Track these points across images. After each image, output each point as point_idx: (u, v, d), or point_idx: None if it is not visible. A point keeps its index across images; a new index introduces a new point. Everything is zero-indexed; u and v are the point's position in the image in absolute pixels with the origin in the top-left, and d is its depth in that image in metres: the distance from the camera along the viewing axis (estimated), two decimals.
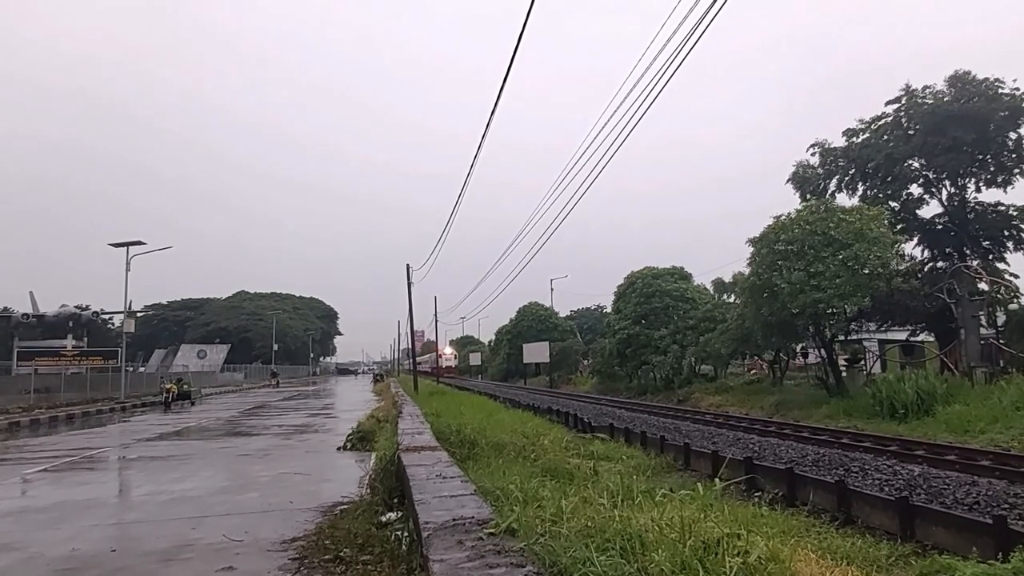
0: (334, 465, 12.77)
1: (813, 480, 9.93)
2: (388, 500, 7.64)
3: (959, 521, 7.38)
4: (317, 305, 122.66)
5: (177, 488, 10.31)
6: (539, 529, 3.96)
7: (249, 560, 6.25)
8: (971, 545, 6.40)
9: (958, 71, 25.37)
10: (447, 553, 3.62)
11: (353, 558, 5.96)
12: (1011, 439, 13.51)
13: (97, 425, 24.76)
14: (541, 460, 9.55)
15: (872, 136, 27.17)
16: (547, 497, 5.02)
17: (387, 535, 6.40)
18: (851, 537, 7.50)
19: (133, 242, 37.12)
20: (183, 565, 6.22)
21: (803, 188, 29.43)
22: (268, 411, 29.73)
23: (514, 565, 3.31)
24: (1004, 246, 25.94)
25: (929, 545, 7.27)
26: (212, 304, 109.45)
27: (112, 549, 6.83)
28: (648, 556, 3.27)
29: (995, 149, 24.68)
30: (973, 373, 19.81)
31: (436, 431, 11.48)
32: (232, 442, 17.31)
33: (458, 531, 4.11)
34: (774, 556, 3.86)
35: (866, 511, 8.59)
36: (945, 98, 25.16)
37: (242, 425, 22.44)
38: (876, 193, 27.20)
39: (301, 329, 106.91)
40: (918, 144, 25.32)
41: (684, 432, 16.86)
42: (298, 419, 24.63)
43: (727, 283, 50.06)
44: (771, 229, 23.39)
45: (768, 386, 29.17)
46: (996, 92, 24.25)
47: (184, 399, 34.66)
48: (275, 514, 8.26)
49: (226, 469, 12.51)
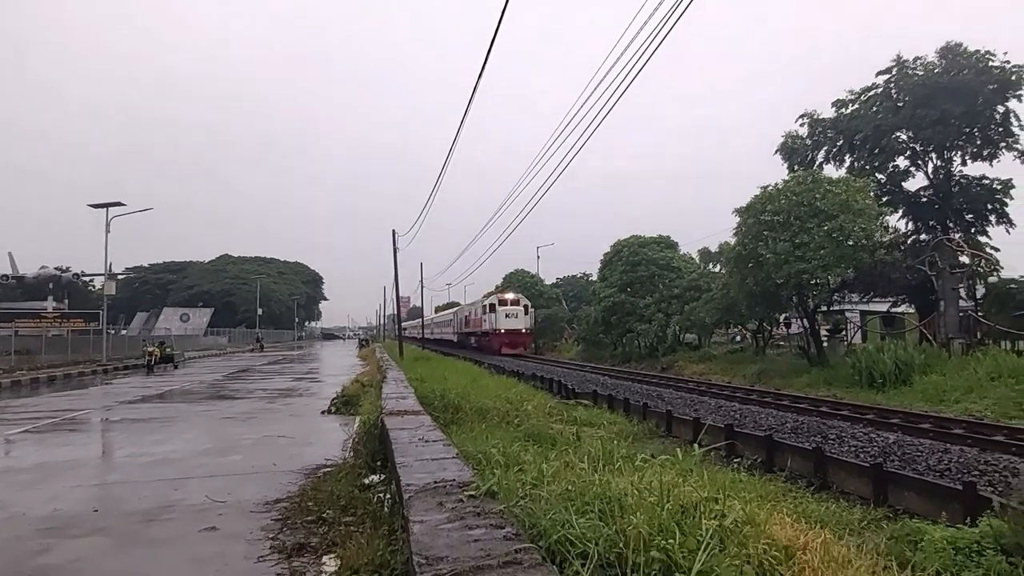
0: (318, 429, 12.82)
1: (791, 447, 10.10)
2: (371, 463, 7.68)
3: (930, 487, 7.55)
4: (302, 270, 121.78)
5: (159, 450, 10.31)
6: (520, 492, 3.99)
7: (232, 521, 6.28)
8: (941, 510, 6.56)
9: (949, 43, 25.22)
10: (428, 514, 3.64)
11: (336, 519, 6.01)
12: (984, 408, 13.80)
13: (79, 387, 24.64)
14: (524, 425, 9.63)
15: (861, 107, 27.08)
16: (529, 461, 5.06)
17: (370, 497, 6.44)
18: (826, 502, 7.66)
19: (112, 203, 36.50)
20: (165, 525, 6.24)
21: (791, 159, 29.39)
22: (252, 375, 29.71)
23: (493, 526, 3.34)
24: (987, 220, 26.14)
25: (901, 510, 7.44)
26: (195, 267, 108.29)
27: (94, 509, 6.84)
28: (627, 519, 3.30)
29: (982, 122, 24.70)
30: (951, 344, 20.14)
31: (420, 396, 11.52)
32: (216, 405, 17.30)
33: (439, 493, 4.13)
34: (750, 519, 3.92)
35: (841, 477, 8.78)
36: (936, 70, 25.05)
37: (226, 389, 22.41)
38: (863, 165, 27.23)
39: (286, 294, 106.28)
40: (907, 116, 25.28)
41: (667, 399, 17.05)
42: (282, 383, 24.64)
43: (713, 253, 50.25)
44: (758, 199, 23.40)
45: (751, 355, 29.52)
46: (986, 65, 24.17)
47: (167, 363, 34.51)
48: (258, 476, 8.29)
49: (209, 432, 12.51)
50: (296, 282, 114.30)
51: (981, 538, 4.73)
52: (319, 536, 5.66)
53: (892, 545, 5.45)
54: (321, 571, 4.68)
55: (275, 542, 5.55)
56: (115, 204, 36.64)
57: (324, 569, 4.73)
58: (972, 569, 4.46)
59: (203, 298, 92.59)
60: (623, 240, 40.87)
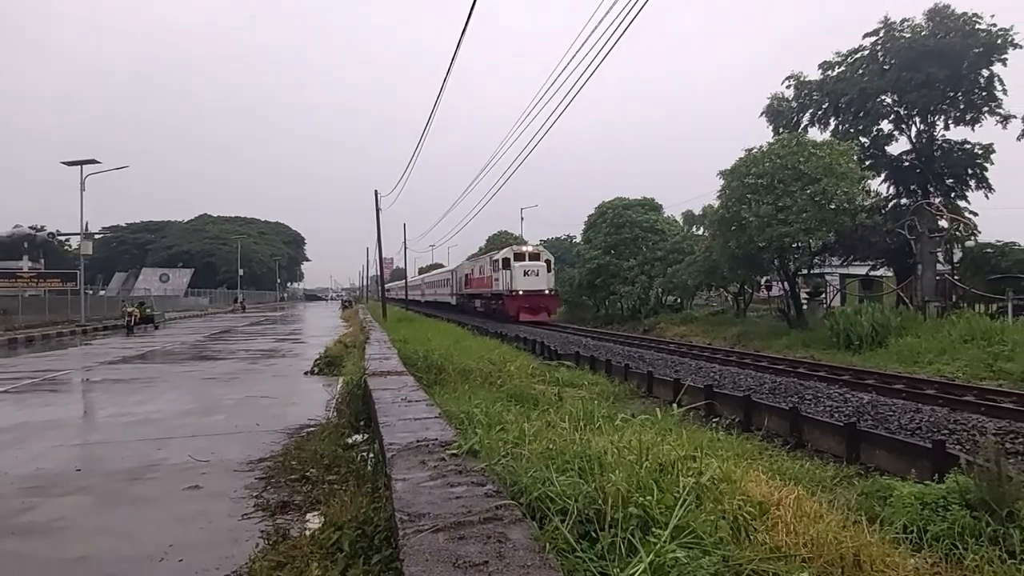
0: (301, 389, 12.84)
1: (768, 407, 10.30)
2: (355, 423, 7.73)
3: (901, 445, 7.76)
4: (283, 230, 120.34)
5: (141, 410, 10.29)
6: (501, 451, 4.03)
7: (215, 479, 6.32)
8: (911, 467, 6.74)
9: (938, 4, 25.04)
10: (410, 473, 3.68)
11: (319, 478, 6.06)
12: (956, 370, 14.14)
13: (58, 348, 24.40)
14: (507, 386, 9.71)
15: (848, 70, 26.94)
16: (511, 421, 5.11)
17: (353, 456, 6.50)
18: (801, 460, 7.85)
19: (87, 160, 35.62)
20: (149, 484, 6.27)
21: (776, 121, 29.29)
22: (234, 336, 29.58)
23: (474, 484, 3.38)
24: (967, 184, 26.38)
25: (872, 467, 7.65)
26: (173, 227, 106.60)
27: (77, 468, 6.84)
28: (606, 476, 3.36)
29: (966, 86, 24.72)
30: (927, 307, 20.51)
31: (403, 357, 11.55)
32: (198, 366, 17.24)
33: (421, 452, 4.17)
34: (727, 477, 4.02)
35: (816, 436, 8.99)
36: (923, 32, 24.91)
37: (208, 349, 22.32)
38: (848, 128, 27.23)
39: (267, 254, 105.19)
40: (892, 79, 25.22)
41: (648, 360, 17.26)
42: (265, 344, 24.57)
43: (697, 216, 50.30)
44: (742, 162, 23.37)
45: (731, 317, 29.86)
46: (973, 27, 24.07)
47: (147, 323, 34.22)
48: (241, 436, 8.32)
49: (191, 392, 12.49)
50: (278, 243, 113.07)
51: (948, 494, 4.88)
52: (303, 494, 5.72)
53: (862, 501, 5.61)
54: (305, 528, 4.73)
55: (259, 500, 5.60)
56: (90, 161, 35.76)
57: (308, 526, 4.78)
58: (938, 523, 4.61)
59: (183, 258, 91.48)
60: (607, 202, 40.75)
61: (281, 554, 4.13)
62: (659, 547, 2.67)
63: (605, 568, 2.65)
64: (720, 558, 2.81)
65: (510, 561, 2.37)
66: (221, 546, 4.63)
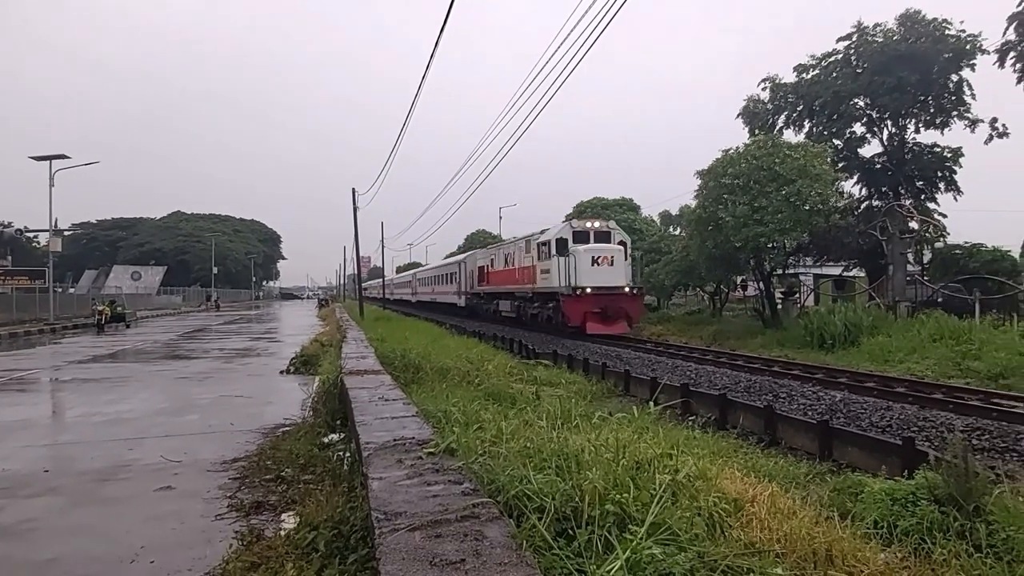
0: (277, 388, 12.70)
1: (743, 405, 10.41)
2: (331, 422, 7.67)
3: (872, 442, 7.90)
4: (259, 228, 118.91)
5: (112, 410, 10.11)
6: (479, 450, 4.03)
7: (188, 480, 6.23)
8: (881, 464, 6.87)
9: (909, 10, 25.53)
10: (387, 471, 3.66)
11: (295, 477, 6.01)
12: (926, 368, 14.42)
13: (26, 347, 23.87)
14: (485, 384, 9.69)
15: (822, 73, 27.34)
16: (488, 419, 5.11)
17: (329, 456, 6.45)
18: (775, 457, 7.94)
19: (56, 155, 34.85)
20: (120, 485, 6.16)
21: (752, 123, 29.63)
22: (208, 335, 29.17)
23: (451, 482, 3.37)
24: (936, 186, 26.94)
25: (844, 464, 7.77)
26: (146, 224, 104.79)
27: (45, 469, 6.70)
28: (583, 474, 3.37)
29: (936, 91, 25.24)
30: (897, 307, 20.89)
31: (380, 356, 11.49)
32: (171, 365, 16.98)
33: (398, 451, 4.15)
34: (702, 474, 4.06)
35: (790, 433, 9.11)
36: (894, 37, 25.37)
37: (181, 348, 21.99)
38: (822, 131, 27.64)
39: (242, 252, 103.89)
40: (865, 83, 25.65)
41: (625, 359, 17.36)
42: (240, 343, 24.27)
43: (674, 216, 50.67)
44: (719, 163, 23.60)
45: (708, 317, 30.14)
46: (943, 33, 24.58)
47: (118, 321, 33.59)
48: (215, 436, 8.21)
49: (164, 392, 12.29)
50: (253, 240, 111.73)
51: (917, 489, 4.97)
52: (278, 494, 5.66)
53: (835, 497, 5.70)
54: (280, 528, 4.68)
55: (233, 500, 5.53)
56: (59, 156, 34.99)
57: (283, 526, 4.74)
58: (907, 518, 4.69)
59: (155, 256, 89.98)
60: (585, 202, 40.93)
61: (255, 555, 4.08)
62: (635, 544, 2.68)
63: (582, 565, 2.66)
64: (695, 554, 2.83)
65: (487, 559, 2.36)
66: (194, 547, 4.57)
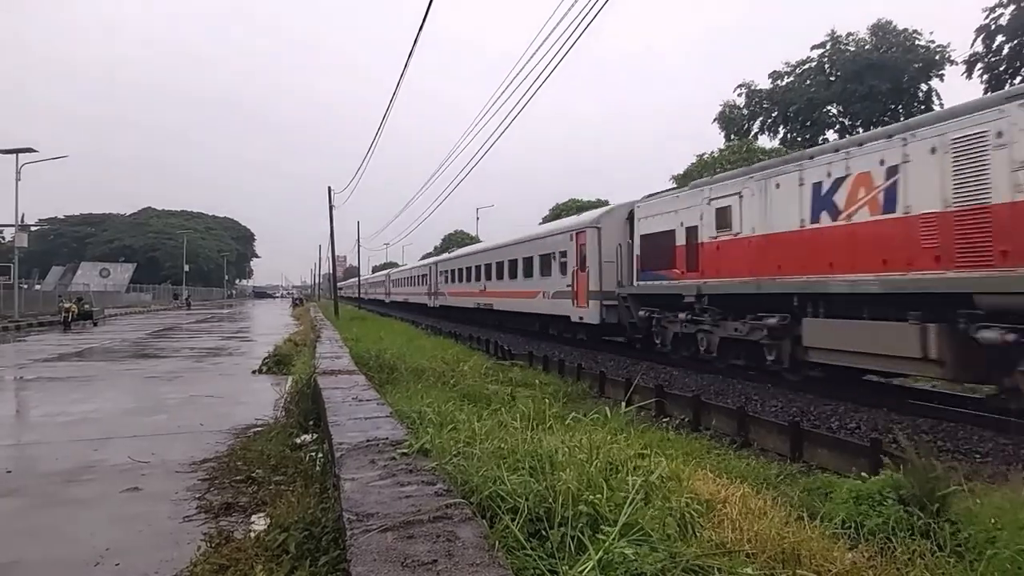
0: (248, 388, 12.53)
1: (717, 407, 10.52)
2: (304, 423, 7.59)
3: (841, 443, 8.03)
4: (232, 226, 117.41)
5: (78, 409, 9.88)
6: (453, 450, 4.02)
7: (156, 481, 6.11)
8: (850, 465, 6.99)
9: (881, 20, 26.10)
10: (360, 472, 3.63)
11: (266, 479, 5.93)
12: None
13: None
14: (460, 385, 9.68)
15: (796, 80, 27.86)
16: (463, 420, 5.09)
17: (301, 456, 6.38)
18: (747, 458, 8.03)
19: (23, 149, 34.08)
20: (85, 486, 6.03)
21: (728, 128, 30.06)
22: (179, 333, 28.70)
23: (425, 483, 3.36)
24: None
25: (815, 465, 7.89)
26: (115, 220, 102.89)
27: (7, 470, 6.53)
28: (557, 475, 3.38)
29: (907, 100, 25.84)
30: None
31: (355, 356, 11.41)
32: (139, 364, 16.66)
33: (371, 451, 4.12)
34: (675, 475, 4.09)
35: (762, 434, 9.22)
36: (866, 46, 25.92)
37: (150, 347, 21.60)
38: (795, 137, 28.15)
39: (215, 250, 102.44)
40: (838, 90, 26.16)
41: (600, 361, 17.43)
42: (211, 342, 23.91)
43: None
44: (694, 167, 23.89)
45: None
46: (913, 43, 25.18)
47: (86, 319, 32.90)
48: (184, 436, 8.08)
49: (132, 391, 12.06)
50: (226, 238, 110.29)
51: (883, 489, 5.07)
52: (248, 495, 5.58)
53: (805, 497, 5.79)
54: (250, 530, 4.62)
55: (202, 502, 5.44)
56: (26, 150, 34.21)
57: (253, 528, 4.67)
58: (874, 518, 4.78)
59: (124, 253, 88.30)
60: (562, 203, 41.12)
61: (224, 557, 4.02)
62: (607, 544, 2.70)
63: (554, 566, 2.66)
64: (667, 554, 2.85)
65: (459, 560, 2.36)
66: (161, 549, 4.48)
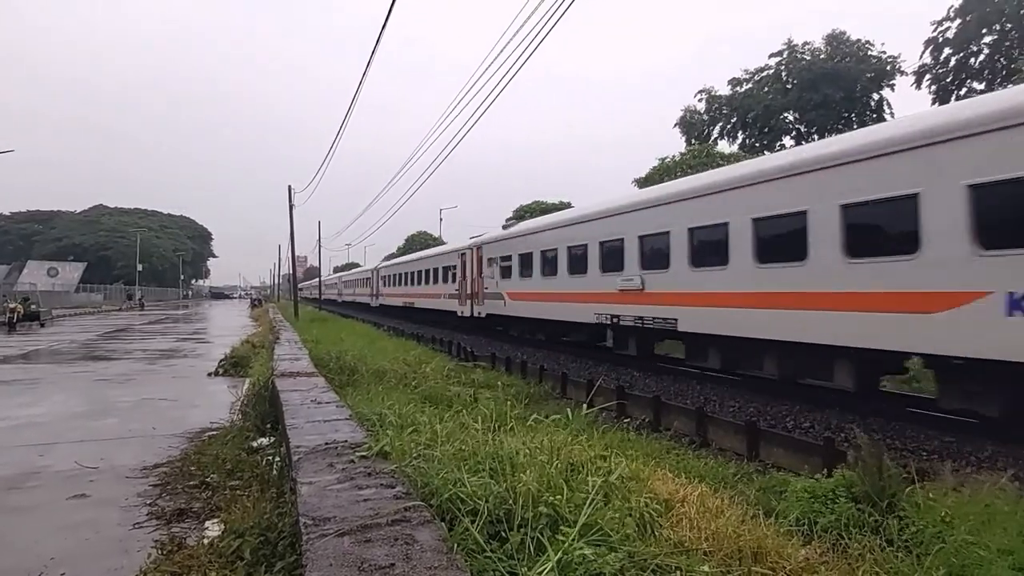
0: (204, 391, 12.22)
1: (676, 407, 10.66)
2: (261, 426, 7.44)
3: (796, 442, 8.22)
4: (188, 224, 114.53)
5: (23, 414, 9.51)
6: (413, 452, 3.98)
7: (105, 487, 5.92)
8: (804, 463, 7.16)
9: (835, 30, 26.92)
10: (317, 476, 3.57)
11: (221, 483, 5.79)
12: None
13: None
14: (422, 387, 9.62)
15: (754, 87, 28.48)
16: (424, 422, 5.05)
17: (258, 460, 6.24)
18: (705, 458, 8.17)
19: None
20: (28, 493, 5.80)
21: (689, 133, 30.55)
22: (131, 335, 27.88)
23: (384, 486, 3.32)
24: None
25: (770, 464, 8.06)
26: (64, 218, 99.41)
27: None
28: (517, 477, 3.37)
29: (859, 108, 26.65)
30: None
31: (315, 358, 11.24)
32: (89, 366, 16.11)
33: (330, 454, 4.05)
34: (635, 475, 4.13)
35: (720, 435, 9.38)
36: (821, 55, 26.67)
37: (100, 349, 20.91)
38: (754, 142, 28.76)
39: (170, 249, 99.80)
40: (794, 98, 26.85)
41: (562, 363, 17.51)
42: (165, 343, 23.28)
43: None
44: (656, 170, 24.21)
45: None
46: (866, 54, 25.99)
47: (32, 320, 31.73)
48: (135, 440, 7.84)
49: (81, 394, 11.65)
50: (181, 237, 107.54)
51: (836, 487, 5.20)
52: (202, 501, 5.44)
53: (761, 496, 5.91)
54: (204, 536, 4.49)
55: (153, 508, 5.29)
56: None
57: (207, 534, 4.55)
58: (827, 515, 4.90)
59: (74, 251, 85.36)
60: (526, 205, 41.16)
61: (176, 564, 3.90)
62: (567, 545, 2.70)
63: (514, 567, 2.65)
64: (626, 554, 2.87)
65: (417, 563, 2.33)
66: (109, 557, 4.33)
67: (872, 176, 8.72)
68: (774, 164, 11.06)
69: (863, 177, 8.82)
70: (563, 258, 17.54)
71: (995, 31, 25.92)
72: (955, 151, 7.64)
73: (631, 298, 14.48)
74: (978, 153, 7.38)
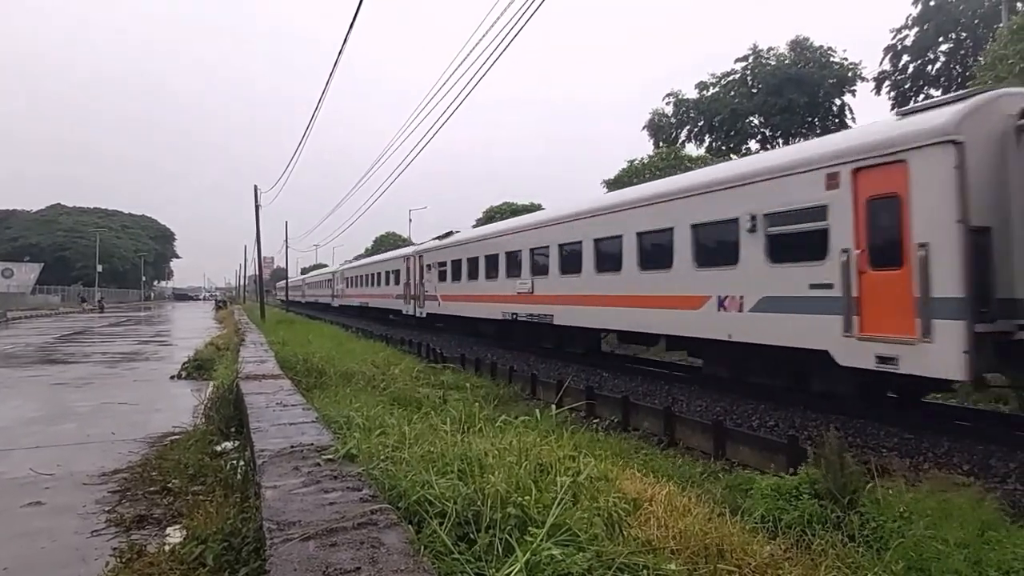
0: (166, 394, 11.95)
1: (645, 407, 10.76)
2: (225, 430, 7.30)
3: (761, 441, 8.35)
4: (150, 224, 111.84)
5: None
6: (381, 455, 3.94)
7: (62, 494, 5.75)
8: (770, 462, 7.28)
9: (799, 36, 27.48)
10: (282, 479, 3.51)
11: (183, 488, 5.66)
12: None
13: None
14: (391, 389, 9.55)
15: (721, 91, 28.93)
16: (392, 425, 5.02)
17: (222, 465, 6.12)
18: (673, 458, 8.26)
19: None
20: None
21: (657, 135, 30.90)
22: (90, 337, 27.15)
23: (350, 489, 3.28)
24: None
25: (736, 462, 8.18)
26: (20, 217, 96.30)
27: None
28: (486, 478, 3.36)
29: (822, 113, 27.26)
30: None
31: (281, 360, 11.08)
32: (46, 370, 15.63)
33: (295, 458, 3.99)
34: (603, 475, 4.15)
35: (687, 434, 9.49)
36: (786, 61, 27.21)
37: (58, 352, 20.31)
38: (720, 145, 29.22)
39: (131, 250, 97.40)
40: (759, 102, 27.34)
41: (532, 364, 17.54)
42: (126, 346, 22.71)
43: None
44: (625, 172, 24.43)
45: None
46: (828, 60, 26.60)
47: None
48: (94, 446, 7.63)
49: (38, 399, 11.31)
50: (143, 237, 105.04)
51: (799, 484, 5.30)
52: (163, 507, 5.31)
53: (727, 494, 5.99)
54: (165, 543, 4.39)
55: (112, 515, 5.14)
56: None
57: (168, 541, 4.44)
58: (791, 512, 4.99)
59: (30, 252, 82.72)
60: (495, 206, 41.18)
61: (136, 572, 3.81)
62: (535, 546, 2.69)
63: (482, 569, 2.64)
64: (594, 553, 2.88)
65: (383, 567, 2.30)
66: (65, 566, 4.21)
67: (649, 216, 12.62)
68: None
69: (647, 216, 12.71)
70: (482, 265, 20.65)
71: (951, 39, 26.81)
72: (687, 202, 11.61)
73: (524, 299, 17.92)
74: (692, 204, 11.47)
